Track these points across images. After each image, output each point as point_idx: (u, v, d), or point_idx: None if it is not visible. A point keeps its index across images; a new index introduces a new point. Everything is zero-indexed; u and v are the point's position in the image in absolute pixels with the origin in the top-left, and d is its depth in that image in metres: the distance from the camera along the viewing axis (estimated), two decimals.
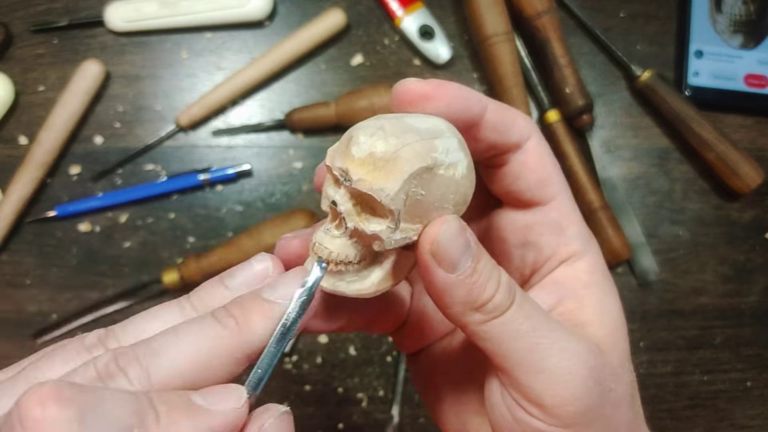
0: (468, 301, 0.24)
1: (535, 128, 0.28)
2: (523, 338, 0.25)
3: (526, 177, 0.28)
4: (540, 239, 0.29)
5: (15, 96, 0.64)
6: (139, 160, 0.65)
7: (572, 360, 0.25)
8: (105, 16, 0.64)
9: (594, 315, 0.28)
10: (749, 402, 0.68)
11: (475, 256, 0.24)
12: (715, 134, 0.66)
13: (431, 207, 0.24)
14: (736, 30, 0.70)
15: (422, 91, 0.25)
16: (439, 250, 0.23)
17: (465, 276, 0.24)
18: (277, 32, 0.67)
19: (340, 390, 0.64)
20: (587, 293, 0.29)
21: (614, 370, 0.27)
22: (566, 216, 0.29)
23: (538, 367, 0.25)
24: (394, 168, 0.23)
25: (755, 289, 0.70)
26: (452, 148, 0.24)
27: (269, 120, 0.66)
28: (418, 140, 0.23)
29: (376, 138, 0.23)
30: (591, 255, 0.30)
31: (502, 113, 0.27)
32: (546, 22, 0.64)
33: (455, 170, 0.24)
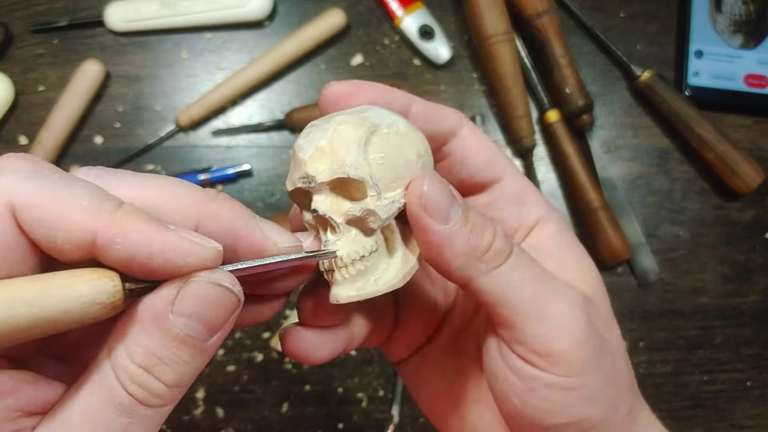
0: (469, 250, 0.24)
1: (465, 118, 0.29)
2: (528, 286, 0.25)
3: (471, 160, 0.29)
4: (503, 213, 0.30)
5: (15, 96, 0.64)
6: (139, 160, 0.65)
7: (574, 306, 0.25)
8: (105, 16, 0.64)
9: (574, 272, 0.29)
10: (749, 402, 0.68)
11: (464, 206, 0.24)
12: (715, 134, 0.66)
13: (400, 167, 0.24)
14: (736, 30, 0.70)
15: (344, 90, 0.26)
16: (428, 201, 0.23)
17: (460, 224, 0.24)
18: (277, 32, 0.67)
19: (340, 390, 0.64)
20: (563, 253, 0.29)
21: (606, 320, 0.28)
22: (522, 188, 0.30)
23: (545, 313, 0.25)
24: (340, 145, 0.24)
25: (755, 289, 0.70)
26: (382, 113, 0.25)
27: (269, 120, 0.66)
28: (348, 117, 0.24)
29: (313, 134, 0.25)
30: (556, 218, 0.30)
31: (428, 106, 0.28)
32: (546, 22, 0.64)
33: (397, 126, 0.25)
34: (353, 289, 0.25)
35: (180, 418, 0.62)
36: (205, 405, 0.63)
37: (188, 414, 0.63)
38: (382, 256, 0.25)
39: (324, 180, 0.24)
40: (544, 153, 0.69)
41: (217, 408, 0.63)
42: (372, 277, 0.25)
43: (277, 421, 0.63)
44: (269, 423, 0.63)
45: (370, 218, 0.24)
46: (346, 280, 0.25)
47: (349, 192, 0.24)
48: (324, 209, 0.25)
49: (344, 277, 0.25)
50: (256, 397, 0.64)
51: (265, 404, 0.63)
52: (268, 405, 0.64)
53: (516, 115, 0.65)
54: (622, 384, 0.27)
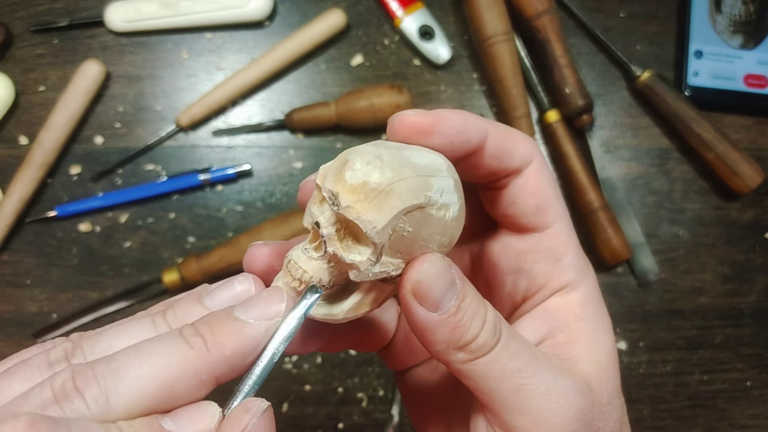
0: (451, 340, 0.24)
1: (537, 152, 0.28)
2: (508, 378, 0.24)
3: (524, 202, 0.28)
4: (534, 267, 0.29)
5: (15, 96, 0.64)
6: (140, 160, 0.65)
7: (559, 402, 0.24)
8: (105, 16, 0.65)
9: (585, 350, 0.27)
10: (749, 402, 0.68)
11: (460, 293, 0.24)
12: (714, 134, 0.66)
13: (416, 245, 0.23)
14: (735, 30, 0.70)
15: (421, 126, 0.25)
16: (421, 289, 0.23)
17: (448, 315, 0.23)
18: (277, 32, 0.67)
19: (340, 390, 0.64)
20: (579, 327, 0.28)
21: (602, 408, 0.27)
22: (562, 244, 0.28)
23: (523, 408, 0.24)
24: (385, 202, 0.22)
25: (755, 289, 0.70)
26: (447, 188, 0.24)
27: (269, 120, 0.66)
28: (413, 176, 0.23)
29: (373, 167, 0.22)
30: (586, 286, 0.29)
31: (503, 139, 0.27)
32: (546, 22, 0.64)
33: (447, 212, 0.23)
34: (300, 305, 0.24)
35: None
36: None
37: None
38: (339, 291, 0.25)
39: (346, 215, 0.23)
40: (544, 153, 0.69)
41: None
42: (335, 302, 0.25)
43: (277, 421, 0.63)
44: None
45: (353, 271, 0.23)
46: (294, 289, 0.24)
47: (356, 232, 0.23)
48: (325, 234, 0.24)
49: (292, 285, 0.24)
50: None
51: None
52: None
53: (516, 115, 0.65)
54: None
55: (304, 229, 0.25)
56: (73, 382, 0.20)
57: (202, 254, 0.62)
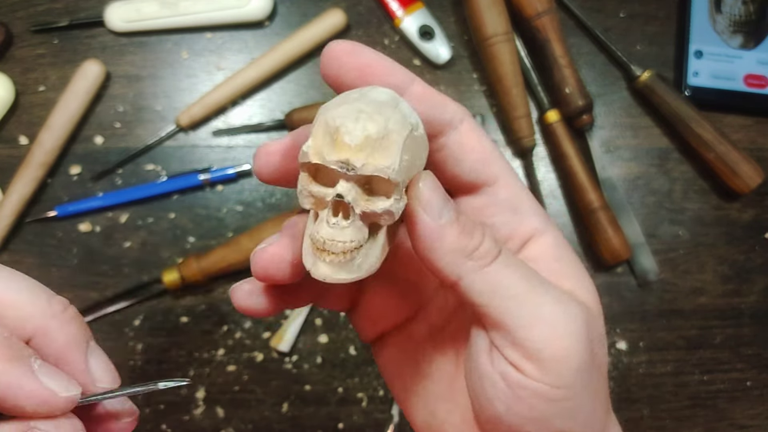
0: (458, 247, 0.24)
1: (467, 114, 0.28)
2: (518, 285, 0.25)
3: (467, 157, 0.28)
4: (494, 219, 0.29)
5: (15, 96, 0.64)
6: (140, 160, 0.65)
7: (569, 311, 0.25)
8: (105, 16, 0.65)
9: (574, 285, 0.28)
10: (749, 402, 0.68)
11: (455, 207, 0.25)
12: (714, 134, 0.66)
13: (414, 169, 0.25)
14: (735, 30, 0.70)
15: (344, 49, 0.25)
16: (422, 197, 0.24)
17: (451, 221, 0.24)
18: (277, 32, 0.67)
19: (340, 390, 0.65)
20: (561, 266, 0.28)
21: (600, 335, 0.27)
22: (517, 194, 0.29)
23: (537, 315, 0.24)
24: (389, 143, 0.23)
25: (755, 289, 0.70)
26: (410, 109, 0.25)
27: (269, 120, 0.66)
28: (393, 111, 0.24)
29: (364, 121, 0.23)
30: (553, 230, 0.29)
31: (431, 92, 0.28)
32: (546, 22, 0.64)
33: (420, 128, 0.25)
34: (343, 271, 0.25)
35: (180, 418, 0.62)
36: (205, 405, 0.63)
37: (188, 414, 0.63)
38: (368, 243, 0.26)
39: (365, 173, 0.23)
40: (544, 153, 0.69)
41: (217, 408, 0.63)
42: (357, 261, 0.25)
43: (277, 421, 0.63)
44: (269, 423, 0.63)
45: (385, 217, 0.24)
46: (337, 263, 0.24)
47: (376, 187, 0.24)
48: (351, 198, 0.24)
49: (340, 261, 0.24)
50: (256, 397, 0.64)
51: (265, 404, 0.64)
52: (268, 405, 0.64)
53: (516, 116, 0.65)
54: (602, 402, 0.27)
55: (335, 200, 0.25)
56: None
57: (202, 254, 0.62)
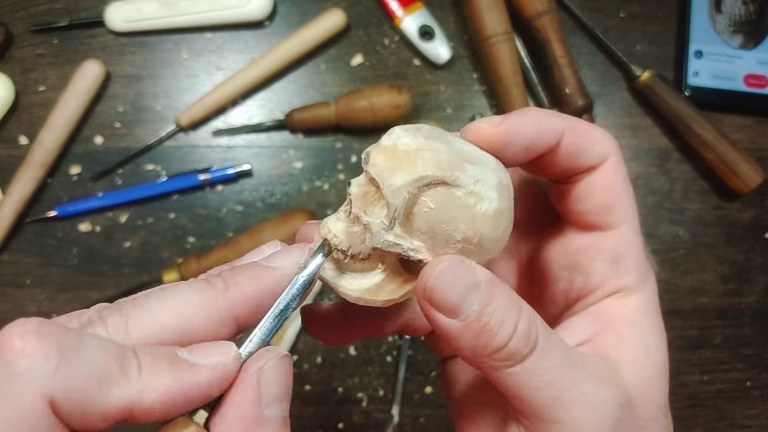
0: (477, 347, 0.22)
1: (613, 148, 0.27)
2: (543, 390, 0.23)
3: (593, 199, 0.27)
4: (592, 265, 0.27)
5: (15, 96, 0.64)
6: (139, 160, 0.65)
7: (597, 414, 0.23)
8: (105, 16, 0.64)
9: (632, 357, 0.26)
10: (749, 402, 0.68)
11: (485, 297, 0.22)
12: (715, 134, 0.66)
13: (438, 229, 0.22)
14: (735, 30, 0.70)
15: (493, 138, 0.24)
16: (433, 295, 0.22)
17: (470, 321, 0.22)
18: (277, 32, 0.67)
19: (340, 390, 0.64)
20: (630, 332, 0.27)
21: (644, 424, 0.25)
22: (626, 247, 0.27)
23: (558, 418, 0.23)
24: (408, 164, 0.22)
25: (755, 289, 0.70)
26: (486, 181, 0.23)
27: (269, 120, 0.66)
28: (447, 153, 0.22)
29: (408, 134, 0.23)
30: (644, 293, 0.27)
31: (580, 137, 0.26)
32: (546, 22, 0.64)
33: (478, 203, 0.22)
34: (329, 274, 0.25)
35: None
36: None
37: None
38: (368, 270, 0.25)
39: (369, 171, 0.23)
40: None
41: None
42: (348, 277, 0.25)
43: None
44: None
45: (366, 234, 0.23)
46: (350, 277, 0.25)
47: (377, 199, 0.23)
48: (353, 192, 0.24)
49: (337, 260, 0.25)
50: None
51: None
52: None
53: None
54: None
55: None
56: (99, 314, 0.21)
57: (202, 254, 0.62)
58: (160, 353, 0.20)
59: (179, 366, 0.20)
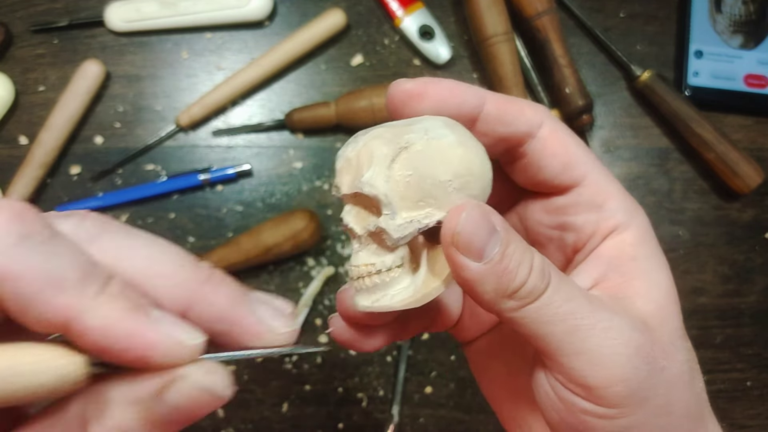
0: (499, 288, 0.23)
1: (546, 114, 0.27)
2: (562, 321, 0.24)
3: (549, 164, 0.27)
4: (577, 219, 0.28)
5: (15, 96, 0.64)
6: (139, 160, 0.65)
7: (617, 339, 0.24)
8: (105, 16, 0.64)
9: (641, 288, 0.27)
10: (749, 402, 0.68)
11: (503, 240, 0.23)
12: (715, 134, 0.66)
13: (429, 186, 0.23)
14: (735, 30, 0.70)
15: (411, 90, 0.25)
16: (461, 240, 0.23)
17: (493, 263, 0.23)
18: (277, 32, 0.67)
19: (340, 390, 0.65)
20: (633, 266, 0.27)
21: (665, 347, 0.26)
22: (601, 192, 0.28)
23: (579, 349, 0.24)
24: (364, 159, 0.24)
25: (755, 289, 0.70)
26: (433, 127, 0.24)
27: (269, 120, 0.66)
28: (387, 130, 0.24)
29: (350, 146, 0.24)
30: (636, 226, 0.28)
31: (505, 105, 0.27)
32: (546, 22, 0.64)
33: (438, 142, 0.23)
34: (370, 300, 0.25)
35: None
36: None
37: None
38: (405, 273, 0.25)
39: (346, 192, 0.24)
40: None
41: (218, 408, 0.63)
42: (390, 291, 0.25)
43: (277, 421, 0.63)
44: (269, 423, 0.63)
45: (383, 236, 0.24)
46: (365, 290, 0.25)
47: (370, 206, 0.24)
48: (348, 220, 0.25)
49: (361, 287, 0.25)
50: (256, 397, 0.64)
51: (265, 404, 0.64)
52: (268, 405, 0.64)
53: None
54: (678, 413, 0.26)
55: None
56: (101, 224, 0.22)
57: (202, 254, 0.62)
58: (132, 295, 0.20)
59: (143, 318, 0.20)
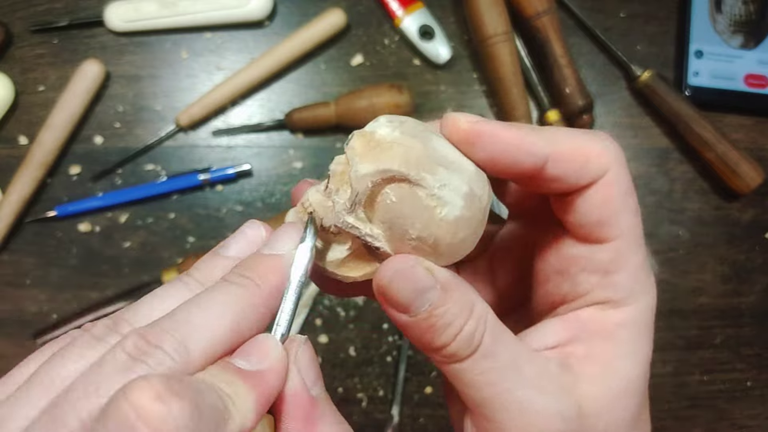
0: (421, 342, 0.24)
1: (614, 161, 0.25)
2: (480, 389, 0.24)
3: (587, 214, 0.25)
4: (579, 274, 0.26)
5: (15, 96, 0.64)
6: (139, 160, 0.65)
7: (532, 420, 0.24)
8: (105, 16, 0.64)
9: (596, 372, 0.25)
10: (749, 402, 0.68)
11: (437, 300, 0.23)
12: (715, 134, 0.66)
13: (396, 224, 0.23)
14: (736, 30, 0.70)
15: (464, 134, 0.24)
16: (386, 293, 0.23)
17: (419, 319, 0.23)
18: (277, 32, 0.67)
19: (340, 390, 0.64)
20: (603, 346, 0.26)
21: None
22: (618, 261, 0.25)
23: (492, 417, 0.24)
24: (379, 155, 0.23)
25: (755, 289, 0.70)
26: (453, 187, 0.23)
27: (269, 120, 0.66)
28: (419, 151, 0.22)
29: (390, 125, 0.24)
30: (633, 310, 0.26)
31: (570, 158, 0.24)
32: (546, 22, 0.64)
33: (439, 206, 0.22)
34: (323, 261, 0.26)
35: None
36: None
37: None
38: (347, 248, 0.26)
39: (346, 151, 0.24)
40: None
41: None
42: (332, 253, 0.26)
43: None
44: None
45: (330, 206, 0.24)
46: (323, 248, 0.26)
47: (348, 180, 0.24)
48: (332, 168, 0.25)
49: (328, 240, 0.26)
50: None
51: None
52: None
53: (516, 115, 0.65)
54: None
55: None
56: (145, 339, 0.20)
57: (202, 254, 0.62)
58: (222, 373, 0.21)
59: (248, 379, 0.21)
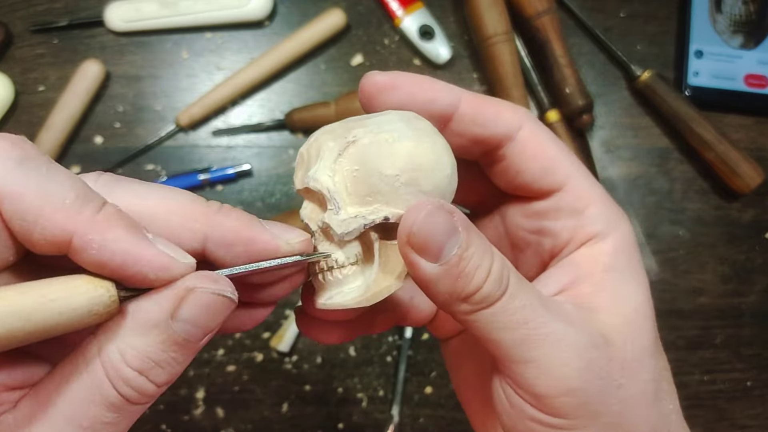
0: (454, 291, 0.23)
1: (526, 116, 0.27)
2: (514, 329, 0.23)
3: (528, 167, 0.27)
4: (555, 224, 0.27)
5: (15, 96, 0.64)
6: (139, 160, 0.65)
7: (567, 352, 0.24)
8: (105, 16, 0.64)
9: (608, 301, 0.26)
10: (749, 402, 0.68)
11: (464, 242, 0.22)
12: (715, 134, 0.66)
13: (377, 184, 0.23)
14: (736, 30, 0.70)
15: (382, 82, 0.25)
16: (417, 240, 0.22)
17: (449, 265, 0.22)
18: (277, 32, 0.67)
19: (340, 390, 0.64)
20: (605, 277, 0.26)
21: (626, 364, 0.25)
22: (582, 197, 0.27)
23: (529, 357, 0.24)
24: (313, 154, 0.24)
25: (755, 289, 0.70)
26: (387, 121, 0.23)
27: (269, 120, 0.66)
28: (338, 125, 0.24)
29: (305, 144, 0.25)
30: (616, 236, 0.27)
31: (481, 105, 0.26)
32: (546, 22, 0.64)
33: (387, 136, 0.23)
34: (325, 296, 0.25)
35: (180, 418, 0.62)
36: (205, 405, 0.63)
37: (188, 414, 0.63)
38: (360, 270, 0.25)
39: (299, 187, 0.25)
40: None
41: (217, 408, 0.63)
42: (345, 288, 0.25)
43: (277, 421, 0.63)
44: (269, 423, 0.63)
45: (330, 231, 0.24)
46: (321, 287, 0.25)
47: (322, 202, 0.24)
48: (303, 215, 0.25)
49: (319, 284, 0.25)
50: (256, 397, 0.64)
51: (265, 404, 0.64)
52: (268, 405, 0.64)
53: None
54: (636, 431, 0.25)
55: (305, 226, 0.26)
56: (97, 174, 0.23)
57: None
58: (126, 217, 0.20)
59: (138, 236, 0.20)
